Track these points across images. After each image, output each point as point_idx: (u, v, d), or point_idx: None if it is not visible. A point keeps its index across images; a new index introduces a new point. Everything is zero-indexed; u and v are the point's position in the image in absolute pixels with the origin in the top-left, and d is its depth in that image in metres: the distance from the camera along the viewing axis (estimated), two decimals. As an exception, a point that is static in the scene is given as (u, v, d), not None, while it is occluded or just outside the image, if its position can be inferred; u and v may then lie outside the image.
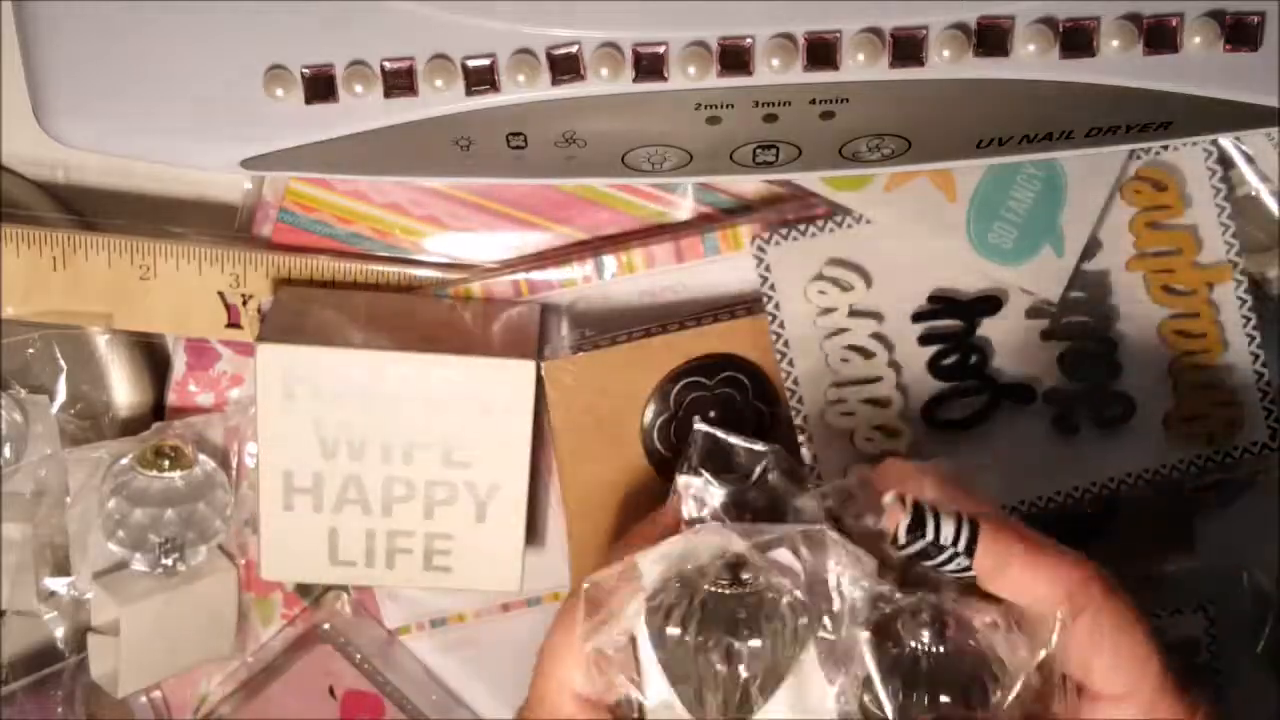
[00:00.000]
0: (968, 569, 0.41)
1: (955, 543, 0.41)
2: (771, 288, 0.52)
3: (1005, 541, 0.41)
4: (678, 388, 0.53)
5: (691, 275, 0.54)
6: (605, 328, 0.54)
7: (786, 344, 0.52)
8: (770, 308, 0.52)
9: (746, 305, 0.53)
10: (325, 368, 0.51)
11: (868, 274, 0.52)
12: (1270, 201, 0.53)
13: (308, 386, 0.51)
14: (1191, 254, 0.52)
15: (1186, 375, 0.52)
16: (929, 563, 0.41)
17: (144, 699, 0.57)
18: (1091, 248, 0.52)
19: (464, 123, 0.45)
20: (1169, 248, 0.52)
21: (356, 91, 0.44)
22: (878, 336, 0.52)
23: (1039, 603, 0.41)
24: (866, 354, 0.52)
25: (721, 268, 0.54)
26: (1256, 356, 0.52)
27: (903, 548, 0.41)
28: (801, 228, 0.52)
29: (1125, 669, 0.41)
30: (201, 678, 0.59)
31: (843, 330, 0.52)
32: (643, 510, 0.47)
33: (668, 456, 0.53)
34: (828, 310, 0.52)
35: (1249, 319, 0.52)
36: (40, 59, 0.46)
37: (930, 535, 0.41)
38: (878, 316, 0.52)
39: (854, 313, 0.52)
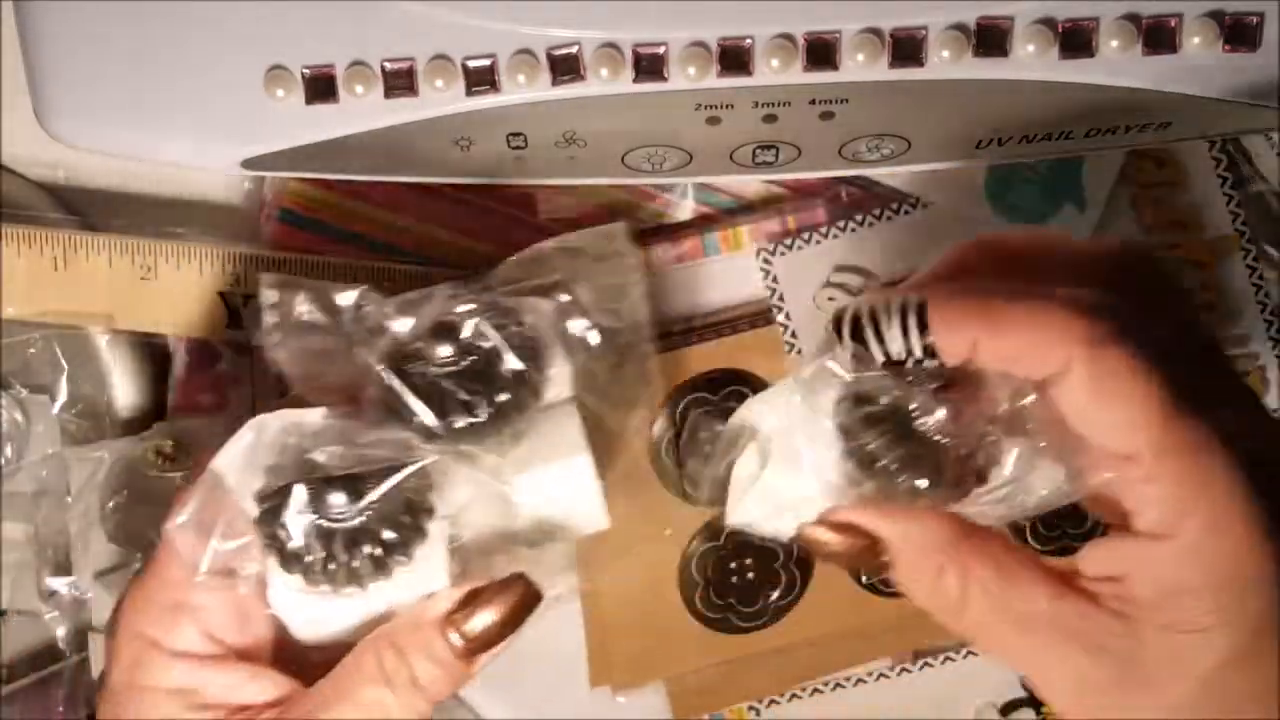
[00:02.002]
0: (942, 366, 0.35)
1: (907, 349, 0.35)
2: (780, 298, 0.52)
3: (958, 320, 0.35)
4: (683, 403, 0.53)
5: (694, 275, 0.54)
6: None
7: (800, 353, 0.52)
8: (781, 318, 0.52)
9: (750, 319, 0.53)
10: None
11: (875, 276, 0.52)
12: (1270, 202, 0.53)
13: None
14: (1197, 228, 0.52)
15: (1202, 349, 0.52)
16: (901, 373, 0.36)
17: (145, 698, 0.58)
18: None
19: (464, 123, 0.45)
20: (1173, 223, 0.52)
21: (356, 91, 0.44)
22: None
23: (1019, 370, 0.35)
24: None
25: (722, 267, 0.54)
26: (1270, 324, 0.52)
27: (859, 368, 0.36)
28: (805, 235, 0.52)
29: (1116, 436, 0.34)
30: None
31: None
32: (649, 524, 0.46)
33: (675, 471, 0.53)
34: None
35: (1259, 287, 0.52)
36: (41, 59, 0.46)
37: (879, 354, 0.35)
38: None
39: None
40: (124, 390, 0.56)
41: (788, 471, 0.37)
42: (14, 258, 0.53)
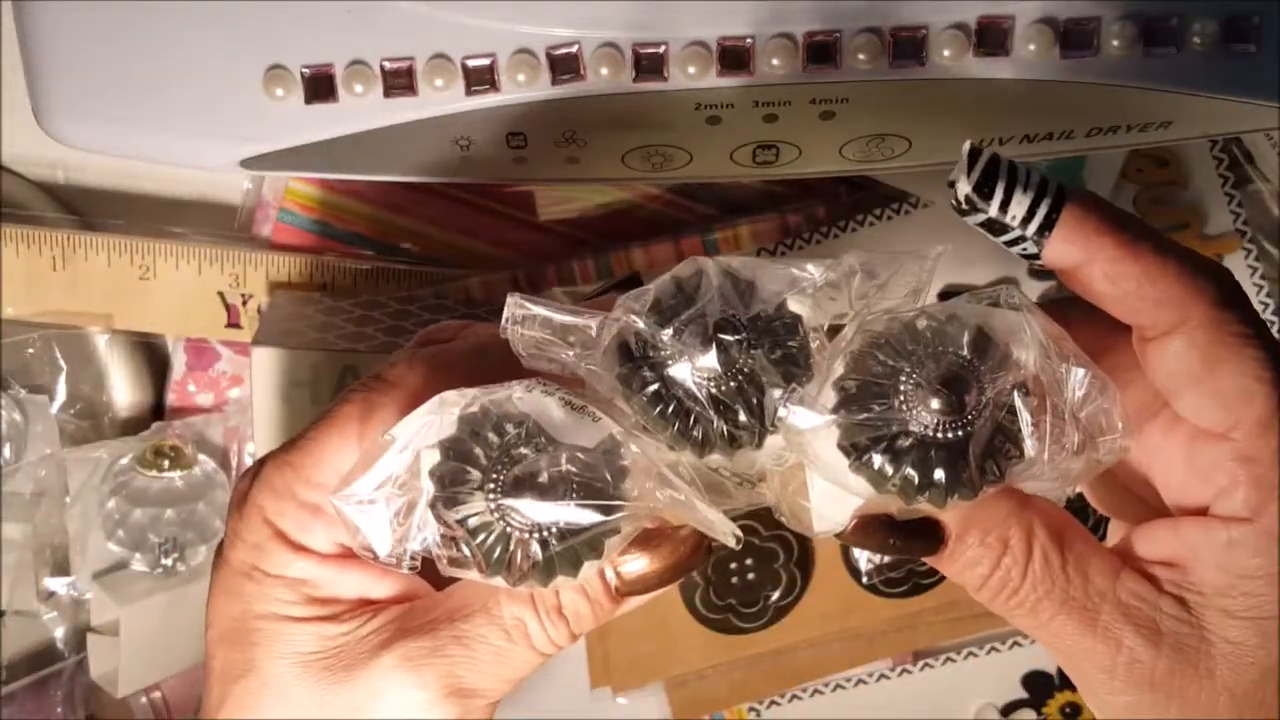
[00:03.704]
0: (1035, 256, 0.34)
1: (1025, 223, 0.33)
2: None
3: (1089, 233, 0.33)
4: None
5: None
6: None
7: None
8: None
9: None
10: (320, 371, 0.51)
11: (878, 276, 0.52)
12: (1270, 202, 0.53)
13: (303, 390, 0.51)
14: (1198, 227, 0.52)
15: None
16: (995, 239, 0.34)
17: (144, 699, 0.57)
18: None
19: (464, 123, 0.45)
20: (1175, 223, 0.52)
21: (356, 91, 0.44)
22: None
23: (1118, 310, 0.34)
24: None
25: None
26: (1271, 324, 0.52)
27: (963, 213, 0.34)
28: (805, 235, 0.52)
29: (1222, 403, 0.33)
30: (201, 677, 0.59)
31: None
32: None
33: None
34: (840, 316, 0.52)
35: (1261, 287, 0.52)
36: (40, 59, 0.46)
37: (993, 209, 0.33)
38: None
39: None
40: (123, 390, 0.56)
41: (826, 484, 0.35)
42: (13, 258, 0.53)
